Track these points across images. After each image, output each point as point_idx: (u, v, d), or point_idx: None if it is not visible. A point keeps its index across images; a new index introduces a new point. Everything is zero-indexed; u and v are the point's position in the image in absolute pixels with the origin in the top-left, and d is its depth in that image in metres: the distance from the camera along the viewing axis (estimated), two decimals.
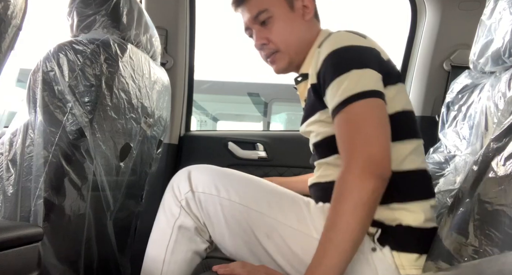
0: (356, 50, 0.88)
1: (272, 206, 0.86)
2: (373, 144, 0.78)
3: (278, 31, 1.02)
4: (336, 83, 0.85)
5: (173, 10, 1.67)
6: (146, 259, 0.91)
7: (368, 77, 0.84)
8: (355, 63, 0.85)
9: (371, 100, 0.82)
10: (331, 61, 0.88)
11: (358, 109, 0.82)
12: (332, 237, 0.77)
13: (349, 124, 0.82)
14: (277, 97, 5.19)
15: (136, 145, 1.17)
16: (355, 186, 0.76)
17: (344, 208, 0.76)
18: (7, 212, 0.87)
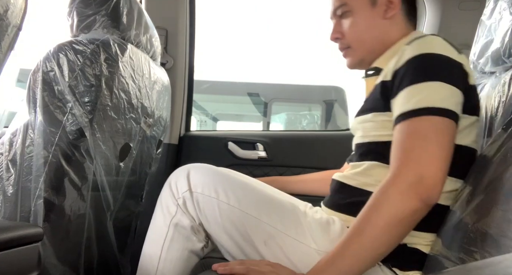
0: (449, 63, 0.81)
1: (271, 214, 0.85)
2: (431, 165, 0.72)
3: (352, 27, 0.98)
4: (414, 89, 0.79)
5: (173, 10, 1.67)
6: (142, 256, 0.91)
7: (451, 95, 0.78)
8: (444, 76, 0.79)
9: (446, 120, 0.76)
10: (417, 64, 0.82)
11: (429, 124, 0.76)
12: (355, 242, 0.74)
13: (413, 135, 0.76)
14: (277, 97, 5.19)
15: (136, 145, 1.17)
16: (397, 201, 0.72)
17: (378, 219, 0.73)
18: (7, 212, 0.87)
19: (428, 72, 0.80)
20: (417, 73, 0.81)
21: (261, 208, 0.85)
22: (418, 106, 0.77)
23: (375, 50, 0.98)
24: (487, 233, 0.60)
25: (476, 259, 0.61)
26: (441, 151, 0.74)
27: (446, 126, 0.76)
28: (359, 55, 1.00)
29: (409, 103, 0.78)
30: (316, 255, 0.82)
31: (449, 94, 0.78)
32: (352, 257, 0.74)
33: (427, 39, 0.85)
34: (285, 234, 0.84)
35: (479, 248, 0.61)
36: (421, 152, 0.74)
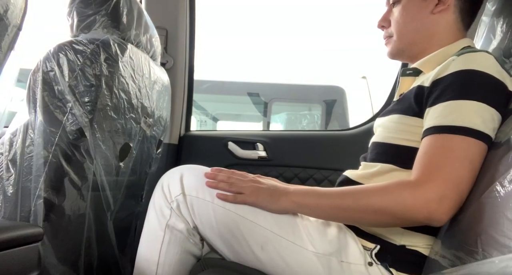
0: (495, 84, 0.78)
1: (268, 217, 0.84)
2: (455, 188, 0.71)
3: (397, 17, 0.97)
4: (454, 104, 0.77)
5: (173, 10, 1.67)
6: (138, 260, 0.89)
7: (491, 119, 0.76)
8: (487, 97, 0.76)
9: (481, 144, 0.74)
10: (462, 79, 0.79)
11: (464, 145, 0.73)
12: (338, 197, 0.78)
13: (445, 151, 0.74)
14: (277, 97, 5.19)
15: (136, 145, 1.17)
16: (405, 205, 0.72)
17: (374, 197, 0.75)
18: (7, 212, 0.87)
19: (472, 89, 0.77)
20: (461, 88, 0.78)
21: (258, 212, 0.84)
22: (456, 124, 0.75)
23: (417, 44, 0.96)
24: (487, 233, 0.60)
25: (476, 259, 0.61)
26: (469, 175, 0.72)
27: (479, 150, 0.74)
28: (398, 45, 0.98)
29: (447, 118, 0.76)
30: (314, 258, 0.82)
31: (489, 118, 0.75)
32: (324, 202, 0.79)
33: (478, 55, 0.82)
34: (282, 238, 0.83)
35: (479, 248, 0.61)
36: (451, 171, 0.72)
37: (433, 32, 0.94)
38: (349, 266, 0.82)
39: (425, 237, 0.83)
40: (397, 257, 0.82)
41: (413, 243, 0.83)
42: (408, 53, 0.98)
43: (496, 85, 0.78)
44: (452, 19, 0.94)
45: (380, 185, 0.77)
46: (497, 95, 0.78)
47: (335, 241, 0.84)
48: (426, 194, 0.71)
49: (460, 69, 0.79)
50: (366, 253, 0.84)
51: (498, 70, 0.80)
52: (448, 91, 0.78)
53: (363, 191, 0.78)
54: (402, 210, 0.72)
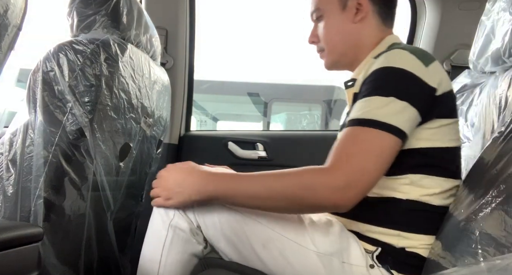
0: (406, 78, 0.81)
1: (270, 216, 0.85)
2: (362, 178, 0.75)
3: (324, 30, 1.01)
4: (368, 100, 0.81)
5: (173, 10, 1.67)
6: (142, 260, 0.90)
7: (400, 111, 0.79)
8: (397, 92, 0.80)
9: (385, 134, 0.77)
10: (376, 77, 0.84)
11: (368, 136, 0.78)
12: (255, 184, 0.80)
13: (356, 142, 0.78)
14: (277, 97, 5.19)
15: (135, 145, 1.17)
16: (314, 190, 0.76)
17: (288, 184, 0.78)
18: (7, 212, 0.87)
19: (383, 86, 0.82)
20: (374, 86, 0.83)
21: (260, 211, 0.85)
22: (364, 117, 0.79)
23: (348, 53, 1.00)
24: (487, 234, 0.61)
25: (477, 259, 0.61)
26: (374, 166, 0.76)
27: (387, 141, 0.77)
28: (332, 57, 1.02)
29: (359, 112, 0.81)
30: (315, 257, 0.82)
31: (398, 110, 0.79)
32: (245, 186, 0.81)
33: (393, 52, 0.86)
34: (284, 237, 0.84)
35: (480, 249, 0.61)
36: (358, 162, 0.76)
37: (359, 39, 0.98)
38: (350, 267, 0.82)
39: (422, 237, 0.83)
40: (398, 260, 0.82)
41: (411, 245, 0.83)
42: (343, 63, 1.02)
43: (409, 78, 0.81)
44: (373, 23, 0.99)
45: (295, 171, 0.79)
46: (409, 88, 0.81)
47: (337, 242, 0.84)
48: (334, 182, 0.75)
49: (377, 68, 0.84)
50: (367, 256, 0.84)
51: (413, 63, 0.82)
52: (365, 89, 0.84)
53: (278, 177, 0.80)
54: (312, 198, 0.76)
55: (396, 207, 0.85)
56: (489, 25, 1.03)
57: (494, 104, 0.99)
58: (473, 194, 0.71)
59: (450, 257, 0.69)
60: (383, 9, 0.99)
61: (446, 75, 0.87)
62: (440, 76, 0.84)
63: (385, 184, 0.85)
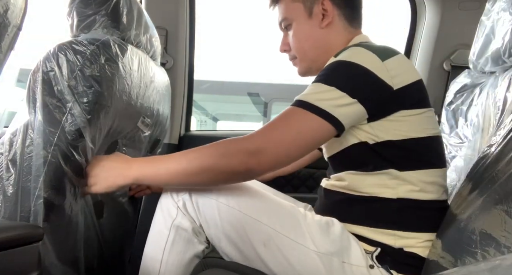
0: (354, 71, 0.83)
1: (271, 215, 0.86)
2: (274, 147, 0.78)
3: (294, 38, 1.03)
4: (312, 85, 0.85)
5: (173, 10, 1.67)
6: (144, 259, 0.91)
7: (335, 101, 0.81)
8: (340, 83, 0.82)
9: (314, 117, 0.80)
10: (326, 68, 0.87)
11: (296, 114, 0.81)
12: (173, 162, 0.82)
13: (281, 117, 0.82)
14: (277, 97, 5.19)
15: (133, 145, 1.17)
16: (227, 153, 0.78)
17: (204, 157, 0.79)
18: (7, 212, 0.87)
19: (329, 76, 0.84)
20: (320, 74, 0.86)
21: (261, 210, 0.86)
22: (300, 98, 0.83)
23: (319, 58, 1.01)
24: (487, 234, 0.61)
25: (477, 259, 0.61)
26: (292, 142, 0.79)
27: (314, 124, 0.80)
28: (304, 64, 1.05)
29: (302, 95, 0.84)
30: (315, 257, 0.82)
31: (331, 97, 0.81)
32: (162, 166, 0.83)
33: (350, 49, 0.88)
34: (284, 236, 0.84)
35: (479, 248, 0.61)
36: (275, 131, 0.79)
37: (328, 44, 1.00)
38: (350, 267, 0.82)
39: (417, 235, 0.84)
40: (397, 260, 0.83)
41: (409, 244, 0.84)
42: (315, 68, 1.03)
43: (360, 73, 0.83)
44: (340, 26, 1.01)
45: (212, 144, 0.81)
46: (354, 81, 0.83)
47: (338, 241, 0.84)
48: (247, 145, 0.78)
49: (330, 62, 0.87)
50: (367, 256, 0.84)
51: (367, 58, 0.84)
52: (316, 77, 0.87)
53: (195, 151, 0.82)
54: (227, 165, 0.78)
55: (387, 207, 0.85)
56: (489, 25, 1.03)
57: (494, 104, 0.99)
58: (474, 194, 0.71)
59: (450, 257, 0.69)
60: (348, 11, 1.01)
61: (410, 68, 0.88)
62: (399, 70, 0.85)
63: (372, 181, 0.86)
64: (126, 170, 0.86)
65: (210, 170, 0.79)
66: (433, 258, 0.77)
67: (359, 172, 0.88)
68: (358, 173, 0.89)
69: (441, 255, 0.73)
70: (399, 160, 0.85)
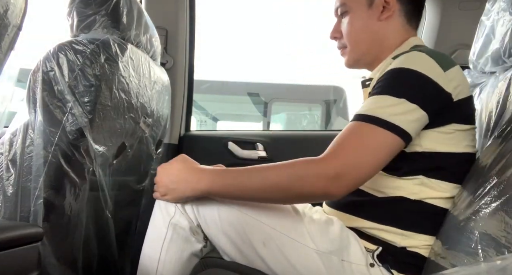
0: (420, 80, 0.81)
1: (270, 215, 0.86)
2: (353, 170, 0.76)
3: (348, 27, 0.99)
4: (377, 98, 0.81)
5: (173, 10, 1.66)
6: (142, 257, 0.90)
7: (406, 112, 0.79)
8: (409, 94, 0.79)
9: (386, 133, 0.77)
10: (389, 76, 0.83)
11: (369, 132, 0.78)
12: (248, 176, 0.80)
13: (355, 136, 0.79)
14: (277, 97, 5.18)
15: (132, 144, 1.17)
16: (304, 175, 0.76)
17: (281, 175, 0.78)
18: (7, 212, 0.87)
19: (396, 86, 0.81)
20: (386, 84, 0.83)
21: (260, 209, 0.86)
22: (368, 113, 0.79)
23: (371, 52, 0.99)
24: (487, 234, 0.61)
25: (477, 259, 0.61)
26: (370, 161, 0.77)
27: (388, 140, 0.78)
28: (354, 55, 1.01)
29: (365, 108, 0.81)
30: (315, 255, 0.82)
31: (406, 112, 0.79)
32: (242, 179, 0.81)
33: (411, 54, 0.85)
34: (284, 235, 0.84)
35: (479, 249, 0.61)
36: (353, 154, 0.77)
37: (383, 38, 0.97)
38: (350, 266, 0.82)
39: (425, 237, 0.83)
40: (398, 259, 0.82)
41: (412, 245, 0.83)
42: (364, 62, 1.02)
43: (422, 81, 0.81)
44: (399, 22, 0.98)
45: (289, 163, 0.80)
46: (421, 91, 0.81)
47: (337, 240, 0.84)
48: (326, 170, 0.76)
49: (392, 68, 0.84)
50: (368, 255, 0.84)
51: (431, 66, 0.82)
52: (377, 87, 0.84)
53: (272, 169, 0.80)
54: (304, 187, 0.77)
55: (404, 207, 0.85)
56: (489, 25, 1.03)
57: (494, 104, 0.99)
58: (473, 194, 0.71)
59: (450, 257, 0.69)
60: (409, 8, 0.98)
61: (466, 82, 0.87)
62: (458, 81, 0.84)
63: (397, 184, 0.85)
64: (195, 183, 0.83)
65: (285, 190, 0.78)
66: (433, 258, 0.77)
67: (386, 174, 0.87)
68: (384, 174, 0.87)
69: (441, 255, 0.73)
70: (430, 170, 0.84)
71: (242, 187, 0.81)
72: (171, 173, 0.86)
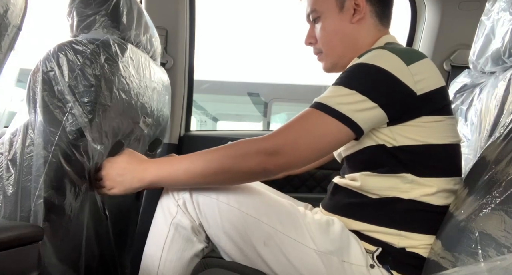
0: (376, 75, 0.82)
1: (271, 214, 0.86)
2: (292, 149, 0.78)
3: (322, 32, 1.00)
4: (332, 88, 0.84)
5: (173, 10, 1.66)
6: (144, 256, 0.91)
7: (356, 105, 0.80)
8: (362, 87, 0.81)
9: (333, 121, 0.79)
10: (347, 70, 0.86)
11: (315, 118, 0.80)
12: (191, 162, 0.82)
13: (300, 119, 0.81)
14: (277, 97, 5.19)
15: (132, 143, 1.17)
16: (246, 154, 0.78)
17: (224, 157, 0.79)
18: (7, 212, 0.87)
19: (352, 79, 0.83)
20: (341, 76, 0.85)
21: (261, 209, 0.86)
22: (320, 101, 0.82)
23: (346, 55, 0.99)
24: (487, 234, 0.61)
25: (477, 260, 0.61)
26: (310, 145, 0.79)
27: (334, 128, 0.79)
28: (331, 59, 1.02)
29: (319, 97, 0.83)
30: (315, 255, 0.83)
31: (352, 101, 0.80)
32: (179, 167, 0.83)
33: (374, 52, 0.86)
34: (284, 235, 0.84)
35: (479, 249, 0.61)
36: (293, 134, 0.79)
37: (356, 40, 0.98)
38: (350, 266, 0.82)
39: (423, 237, 0.83)
40: (398, 260, 0.83)
41: (412, 245, 0.83)
42: (341, 64, 1.02)
43: (383, 77, 0.81)
44: (371, 23, 0.99)
45: (229, 144, 0.82)
46: (380, 87, 0.81)
47: (337, 240, 0.85)
48: (264, 146, 0.78)
49: (352, 63, 0.86)
50: (368, 255, 0.84)
51: (392, 61, 0.82)
52: (335, 80, 0.86)
53: (215, 151, 0.82)
54: (246, 165, 0.78)
55: (397, 207, 0.85)
56: (489, 25, 1.03)
57: (494, 104, 0.99)
58: (473, 194, 0.71)
59: (450, 257, 0.69)
60: (380, 8, 0.99)
61: (435, 74, 0.86)
62: (424, 75, 0.83)
63: (387, 185, 0.85)
64: (141, 172, 0.86)
65: (228, 170, 0.80)
66: (433, 258, 0.77)
67: (374, 173, 0.88)
68: (372, 174, 0.88)
69: (441, 255, 0.73)
70: (415, 165, 0.84)
71: (188, 172, 0.82)
72: (117, 166, 0.89)
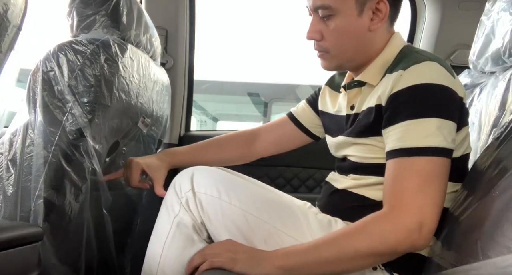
0: (443, 94, 0.79)
1: (272, 213, 0.86)
2: (431, 213, 0.73)
3: (334, 33, 0.90)
4: (412, 124, 0.78)
5: (173, 10, 1.66)
6: (147, 253, 0.92)
7: (446, 131, 0.77)
8: (439, 110, 0.78)
9: (443, 160, 0.76)
10: (415, 95, 0.79)
11: (427, 165, 0.75)
12: (323, 250, 0.76)
13: (414, 174, 0.75)
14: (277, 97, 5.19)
15: (130, 143, 1.17)
16: (387, 239, 0.73)
17: (358, 242, 0.74)
18: (7, 212, 0.87)
19: (427, 106, 0.78)
20: (417, 106, 0.79)
21: (262, 208, 0.87)
22: (419, 145, 0.76)
23: (356, 59, 0.93)
24: (486, 234, 0.61)
25: (476, 260, 0.61)
26: (440, 196, 0.75)
27: (445, 167, 0.77)
28: (337, 61, 0.94)
29: (408, 139, 0.77)
30: None
31: (448, 131, 0.78)
32: (308, 260, 0.76)
33: (423, 66, 0.81)
34: (285, 233, 0.85)
35: (479, 249, 0.61)
36: (424, 196, 0.73)
37: (370, 46, 0.92)
38: None
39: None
40: (401, 262, 0.82)
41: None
42: (347, 66, 0.96)
43: (449, 95, 0.80)
44: (384, 27, 0.93)
45: (359, 226, 0.76)
46: (450, 105, 0.80)
47: None
48: (406, 225, 0.72)
49: (411, 84, 0.80)
50: None
51: (445, 76, 0.81)
52: (404, 109, 0.79)
53: (345, 237, 0.76)
54: (388, 247, 0.73)
55: None
56: (489, 25, 1.03)
57: (494, 104, 0.99)
58: (473, 194, 0.71)
59: (450, 257, 0.69)
60: (394, 12, 0.95)
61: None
62: (461, 85, 0.85)
63: None
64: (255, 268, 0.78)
65: (367, 255, 0.75)
66: (433, 258, 0.77)
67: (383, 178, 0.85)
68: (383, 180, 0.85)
69: (441, 256, 0.73)
70: None
71: (320, 262, 0.76)
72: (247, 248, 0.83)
